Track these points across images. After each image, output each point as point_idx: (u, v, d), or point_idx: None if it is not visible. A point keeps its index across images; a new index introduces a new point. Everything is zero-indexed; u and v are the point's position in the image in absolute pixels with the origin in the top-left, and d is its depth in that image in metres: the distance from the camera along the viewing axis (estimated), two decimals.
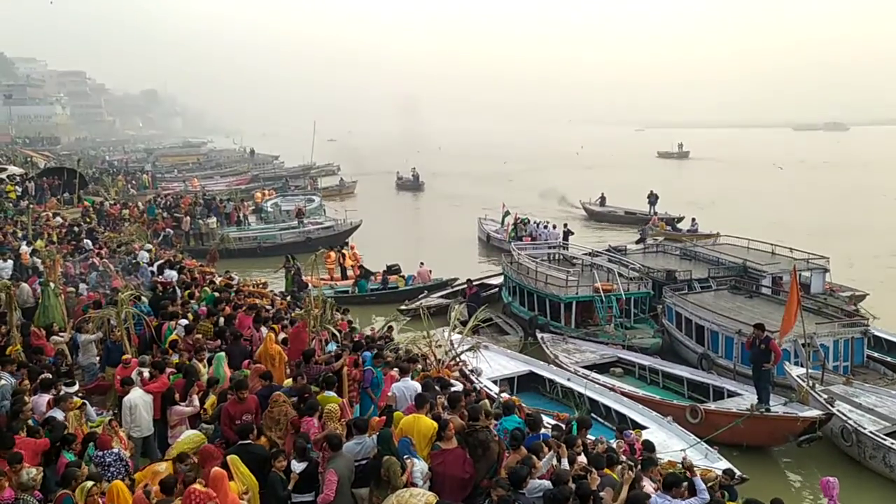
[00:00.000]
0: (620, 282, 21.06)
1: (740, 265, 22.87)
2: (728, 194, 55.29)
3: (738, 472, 11.81)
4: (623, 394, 15.54)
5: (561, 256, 26.30)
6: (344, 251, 28.23)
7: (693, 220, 37.58)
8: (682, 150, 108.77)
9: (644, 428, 13.68)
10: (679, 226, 38.36)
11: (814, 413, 13.27)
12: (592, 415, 14.85)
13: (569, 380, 16.52)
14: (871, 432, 12.88)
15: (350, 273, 27.19)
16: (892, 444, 12.48)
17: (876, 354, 17.83)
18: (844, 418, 13.39)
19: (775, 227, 36.62)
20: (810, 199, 54.26)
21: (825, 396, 14.02)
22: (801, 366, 15.38)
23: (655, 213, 41.34)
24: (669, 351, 19.42)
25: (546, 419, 11.56)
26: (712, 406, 14.65)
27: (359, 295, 25.39)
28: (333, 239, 33.15)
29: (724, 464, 12.11)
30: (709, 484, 10.65)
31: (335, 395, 9.08)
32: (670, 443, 13.14)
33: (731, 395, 15.33)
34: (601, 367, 17.90)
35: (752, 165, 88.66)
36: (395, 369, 10.66)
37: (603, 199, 46.94)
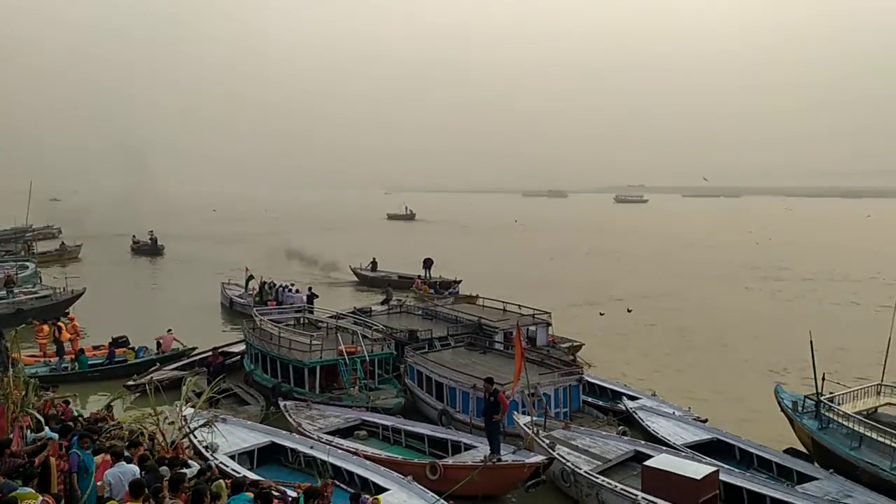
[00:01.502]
0: (364, 343, 21.28)
1: (475, 323, 24.29)
2: (453, 254, 58.26)
3: None
4: (366, 457, 15.50)
5: (306, 320, 26.01)
6: (60, 323, 25.30)
7: (455, 281, 39.56)
8: (409, 213, 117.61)
9: (385, 490, 13.74)
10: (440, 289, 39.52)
11: (538, 458, 14.27)
12: (336, 482, 14.66)
13: (312, 447, 16.12)
14: (585, 472, 14.13)
15: (68, 347, 24.41)
16: (603, 481, 13.79)
17: (590, 399, 19.85)
18: (564, 461, 14.57)
19: (508, 283, 40.11)
20: (534, 257, 60.27)
21: (547, 441, 15.19)
22: (528, 414, 16.56)
23: (419, 277, 42.50)
24: (413, 409, 19.85)
25: (288, 491, 11.16)
26: (450, 461, 15.15)
27: (79, 371, 22.87)
28: (50, 310, 29.71)
29: None
30: None
31: (32, 490, 7.95)
32: (411, 503, 13.31)
33: (468, 448, 15.98)
34: (346, 432, 17.75)
35: (483, 227, 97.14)
36: (109, 454, 9.62)
37: (374, 263, 47.02)
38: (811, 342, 16.17)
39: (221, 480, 10.26)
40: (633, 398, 19.53)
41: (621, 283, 45.48)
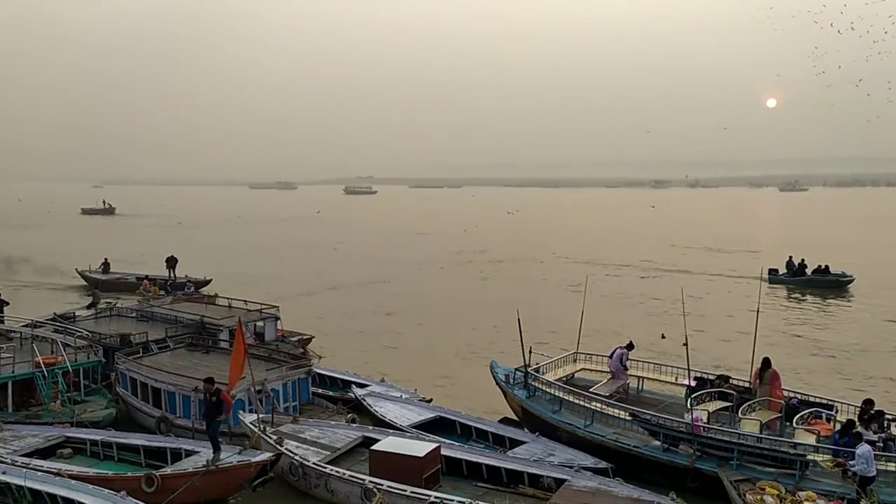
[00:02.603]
0: (67, 352, 19.09)
1: (198, 322, 23.03)
2: (164, 250, 55.16)
3: None
4: (71, 476, 13.95)
5: None
6: None
7: (187, 282, 36.80)
8: (107, 207, 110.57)
9: None
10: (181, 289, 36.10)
11: (265, 456, 13.88)
12: None
13: (4, 473, 14.12)
14: (314, 463, 14.05)
15: None
16: (332, 470, 13.83)
17: (320, 391, 19.82)
18: (291, 455, 14.35)
19: (231, 277, 38.82)
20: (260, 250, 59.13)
21: (275, 438, 14.84)
22: (255, 412, 16.05)
23: (146, 277, 38.60)
24: (127, 420, 18.24)
25: None
26: (168, 470, 14.15)
27: None
28: None
29: None
30: None
31: None
32: None
33: (189, 454, 15.03)
34: (47, 451, 15.79)
35: (204, 222, 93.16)
36: None
37: (107, 265, 41.85)
38: (518, 319, 17.67)
39: None
40: (362, 386, 19.84)
41: (339, 272, 46.44)
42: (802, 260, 41.63)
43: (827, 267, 40.82)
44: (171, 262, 40.77)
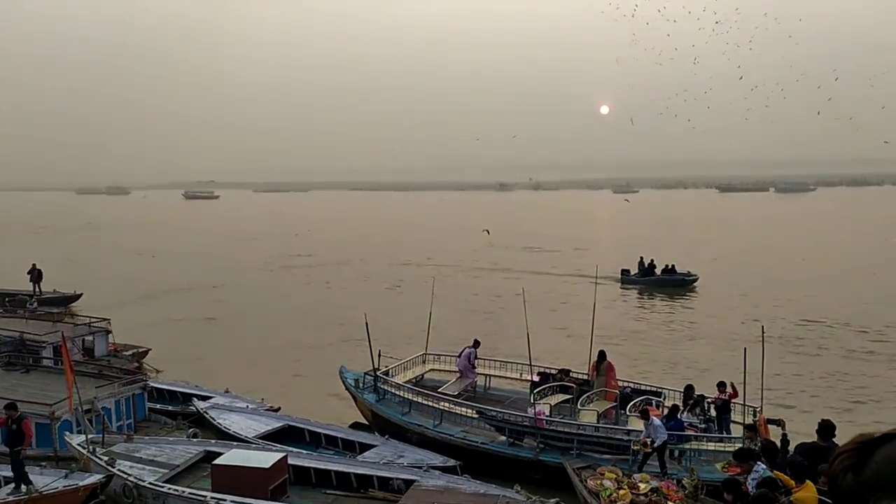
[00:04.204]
0: None
1: (17, 338, 21.14)
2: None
3: None
4: None
5: None
6: None
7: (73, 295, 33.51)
8: None
9: None
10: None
11: (94, 479, 12.93)
12: None
13: None
14: (150, 483, 13.25)
15: None
16: (170, 489, 13.10)
17: (159, 406, 18.72)
18: (125, 476, 13.44)
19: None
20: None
21: (106, 458, 13.85)
22: (84, 433, 14.89)
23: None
24: None
25: None
26: None
27: None
28: None
29: None
30: None
31: None
32: None
33: (8, 481, 13.71)
34: None
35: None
36: None
37: None
38: (366, 323, 17.59)
39: None
40: (205, 398, 18.99)
41: (156, 278, 44.43)
42: (652, 260, 42.32)
43: (673, 266, 41.73)
44: (35, 276, 35.10)
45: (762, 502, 7.82)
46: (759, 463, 9.71)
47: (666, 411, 15.19)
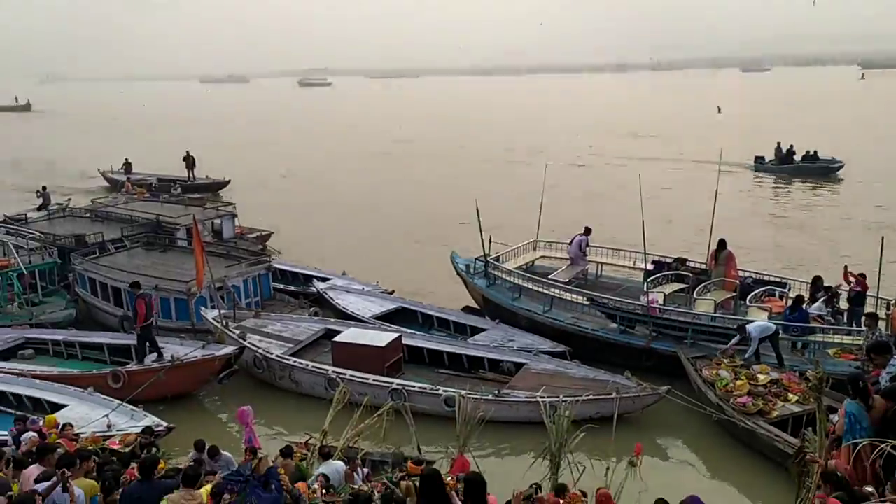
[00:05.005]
0: (20, 255, 18.73)
1: (153, 221, 22.67)
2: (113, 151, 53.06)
3: (163, 424, 11.90)
4: (35, 376, 14.03)
5: None
6: None
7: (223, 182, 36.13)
8: (20, 104, 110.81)
9: (63, 406, 12.73)
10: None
11: (228, 349, 14.05)
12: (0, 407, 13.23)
13: None
14: (277, 356, 14.26)
15: None
16: (294, 362, 14.06)
17: (281, 286, 19.84)
18: (255, 348, 14.52)
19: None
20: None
21: (238, 332, 14.96)
22: (217, 308, 16.08)
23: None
24: (88, 320, 18.22)
25: None
26: (134, 366, 14.26)
27: None
28: None
29: (149, 420, 12.00)
30: (128, 449, 10.40)
31: None
32: (93, 414, 12.42)
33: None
34: (7, 353, 15.78)
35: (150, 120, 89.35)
36: None
37: (128, 165, 38.96)
38: (477, 209, 17.66)
39: None
40: (324, 280, 19.89)
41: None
42: (791, 146, 39.41)
43: (815, 153, 38.80)
44: (190, 163, 37.38)
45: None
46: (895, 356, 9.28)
47: (790, 303, 14.63)
